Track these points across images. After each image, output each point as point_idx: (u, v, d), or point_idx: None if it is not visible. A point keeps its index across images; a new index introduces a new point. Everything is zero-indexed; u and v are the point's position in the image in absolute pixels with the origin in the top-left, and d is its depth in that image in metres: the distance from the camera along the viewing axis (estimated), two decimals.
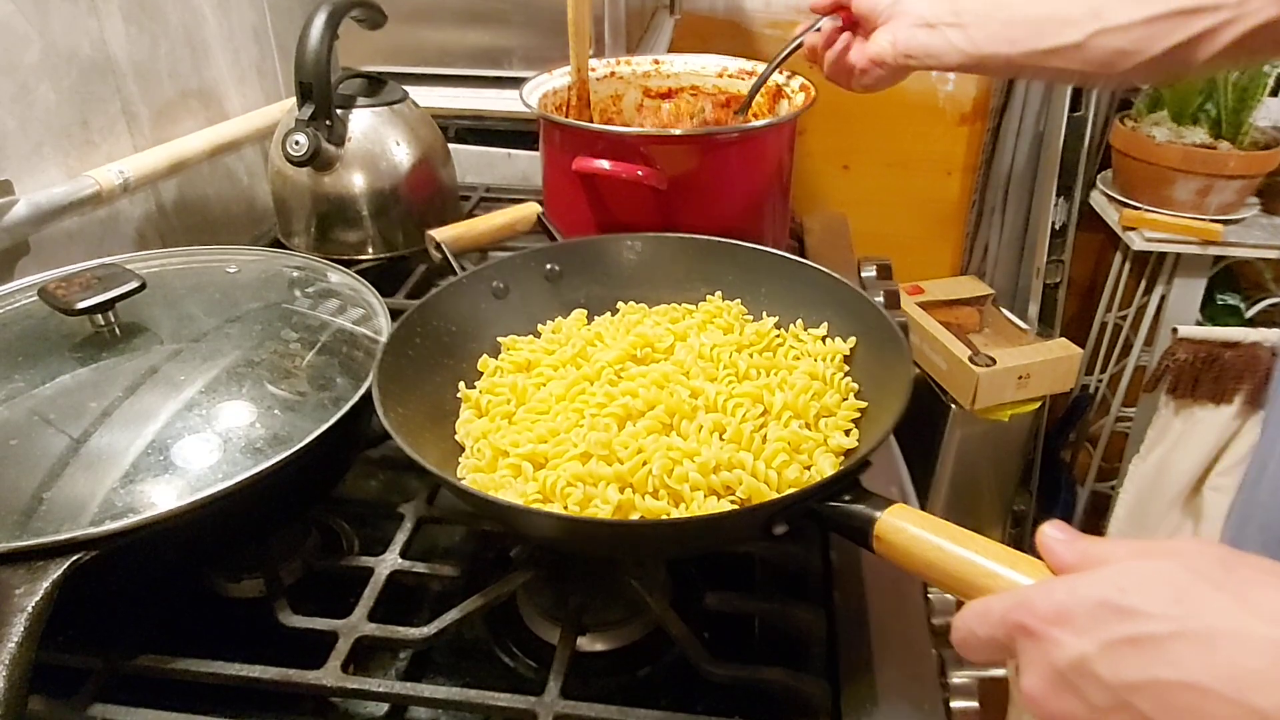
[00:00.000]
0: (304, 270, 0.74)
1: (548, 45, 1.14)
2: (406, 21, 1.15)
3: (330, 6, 0.86)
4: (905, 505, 0.45)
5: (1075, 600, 0.33)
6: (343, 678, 0.51)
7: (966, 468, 1.82)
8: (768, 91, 0.99)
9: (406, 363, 0.61)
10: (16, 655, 0.42)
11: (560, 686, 0.50)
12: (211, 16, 1.05)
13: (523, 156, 1.19)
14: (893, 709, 0.50)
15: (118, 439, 0.53)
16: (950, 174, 1.87)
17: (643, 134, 0.87)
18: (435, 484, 0.65)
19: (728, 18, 1.75)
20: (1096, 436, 1.95)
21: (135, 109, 0.93)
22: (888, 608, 0.56)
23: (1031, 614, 0.34)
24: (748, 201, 0.88)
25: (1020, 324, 1.85)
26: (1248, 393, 1.51)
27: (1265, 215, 1.63)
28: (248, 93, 1.13)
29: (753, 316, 0.71)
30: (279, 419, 0.56)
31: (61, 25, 0.83)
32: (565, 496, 0.53)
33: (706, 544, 0.56)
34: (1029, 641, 0.34)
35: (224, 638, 0.55)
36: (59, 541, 0.46)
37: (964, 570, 0.40)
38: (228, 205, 1.11)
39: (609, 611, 0.58)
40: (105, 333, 0.62)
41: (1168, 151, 1.56)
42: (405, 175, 0.94)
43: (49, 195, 0.79)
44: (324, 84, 0.87)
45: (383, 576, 0.58)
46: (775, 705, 0.52)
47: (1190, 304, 1.70)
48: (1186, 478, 1.60)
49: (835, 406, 0.61)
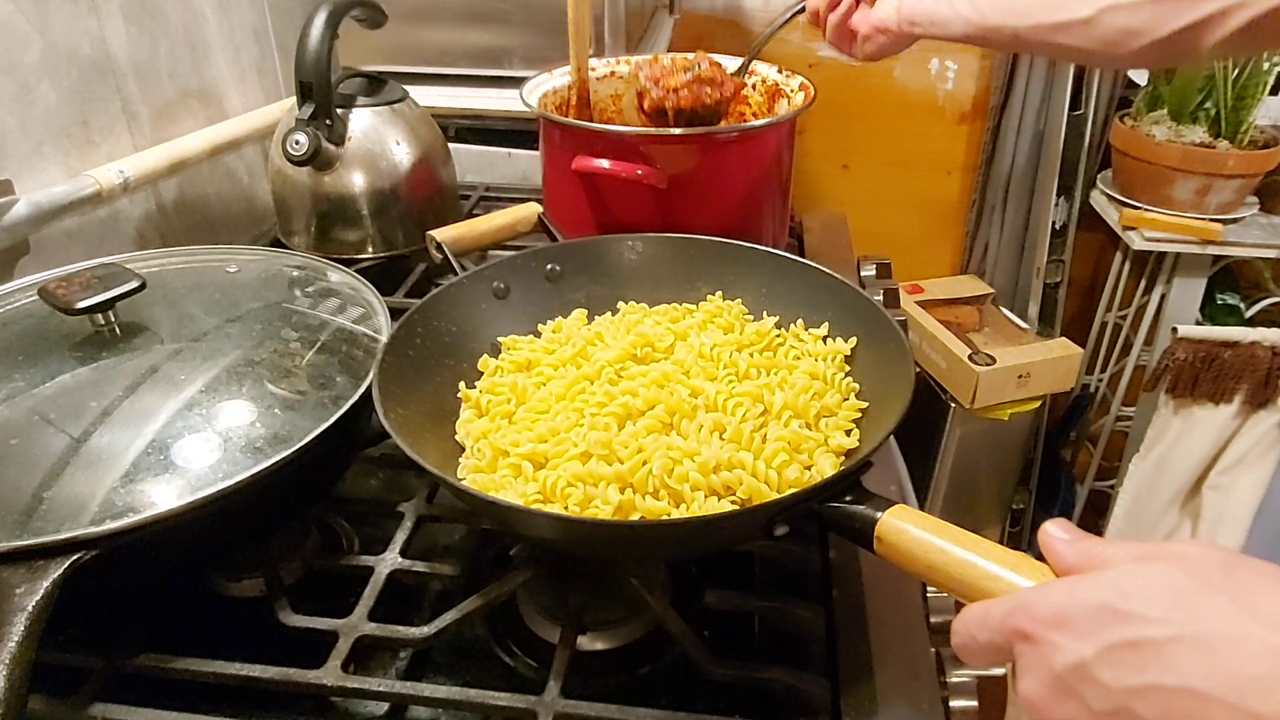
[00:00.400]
0: (304, 269, 0.74)
1: (548, 45, 1.14)
2: (406, 21, 1.15)
3: (330, 6, 0.86)
4: (906, 506, 0.45)
5: (1074, 604, 0.33)
6: (343, 677, 0.51)
7: (966, 466, 1.83)
8: (767, 91, 0.99)
9: (407, 363, 0.61)
10: (17, 654, 0.42)
11: (560, 686, 0.50)
12: (212, 16, 1.05)
13: (523, 156, 1.19)
14: (892, 707, 0.50)
15: (118, 438, 0.54)
16: (950, 173, 1.87)
17: (642, 133, 0.87)
18: (435, 483, 0.65)
19: (727, 17, 1.75)
20: (1096, 436, 1.95)
21: (135, 108, 0.93)
22: (887, 606, 0.56)
23: (1030, 618, 0.34)
24: (747, 201, 0.88)
25: (1020, 323, 1.85)
26: (1247, 392, 1.51)
27: (1264, 214, 1.63)
28: (248, 92, 1.13)
29: (753, 316, 0.71)
30: (279, 418, 0.56)
31: (62, 25, 0.83)
32: (565, 497, 0.53)
33: (707, 545, 0.56)
34: (1028, 646, 0.34)
35: (224, 637, 0.55)
36: (59, 541, 0.46)
37: (965, 572, 0.40)
38: (228, 205, 1.11)
39: (609, 610, 0.58)
40: (105, 332, 0.62)
41: (1167, 150, 1.55)
42: (405, 175, 0.94)
43: (49, 195, 0.79)
44: (324, 83, 0.87)
45: (383, 576, 0.58)
46: (775, 704, 0.52)
47: (1190, 303, 1.70)
48: (1186, 477, 1.60)
49: (836, 407, 0.61)
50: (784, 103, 0.96)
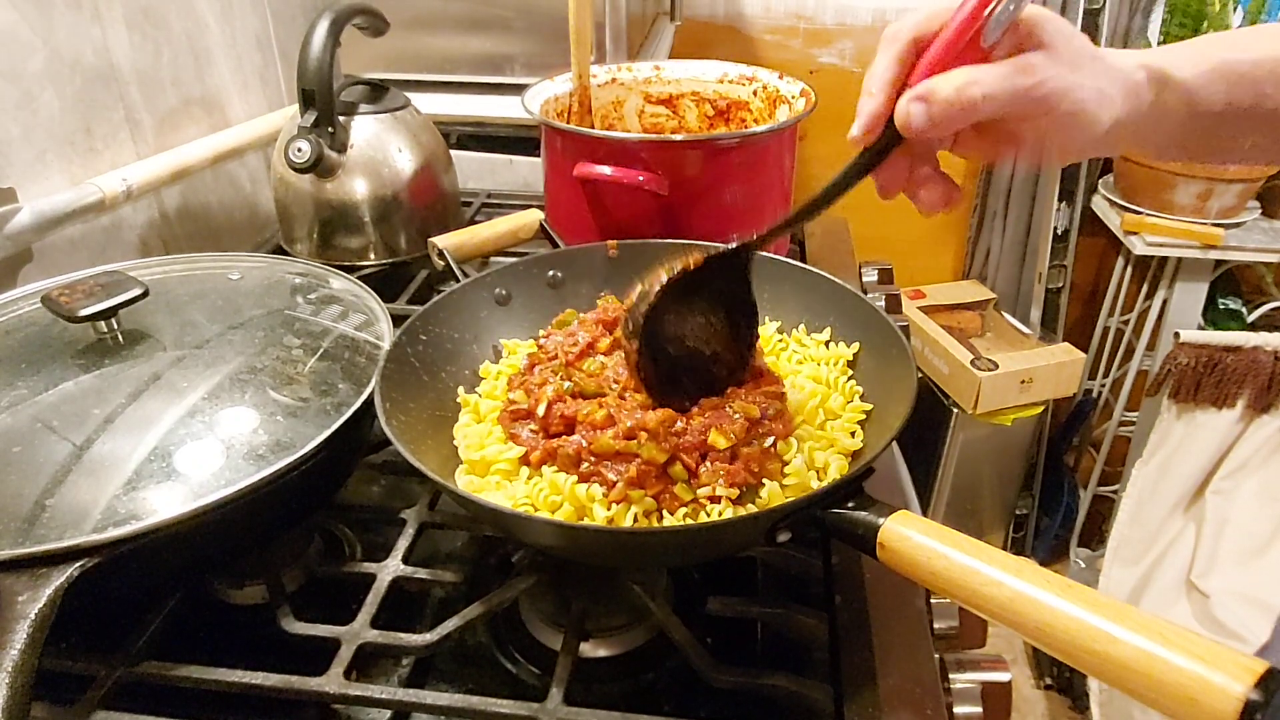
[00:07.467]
0: (306, 276, 0.75)
1: (549, 52, 1.15)
2: (409, 28, 1.16)
3: (333, 14, 0.86)
4: (909, 512, 0.45)
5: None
6: (345, 684, 0.51)
7: (968, 472, 1.82)
8: (768, 98, 0.99)
9: (409, 369, 0.61)
10: (19, 662, 0.42)
11: (563, 693, 0.50)
12: (214, 24, 1.05)
13: (524, 163, 1.20)
14: (896, 714, 0.50)
15: (120, 446, 0.54)
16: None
17: (644, 139, 0.87)
18: (437, 489, 0.65)
19: (728, 24, 1.76)
20: (1099, 441, 1.95)
21: (138, 116, 0.94)
22: (890, 612, 0.56)
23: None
24: (749, 207, 0.88)
25: (1022, 329, 1.85)
26: (1250, 396, 1.50)
27: (1265, 219, 1.63)
28: (250, 100, 1.13)
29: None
30: (281, 425, 0.56)
31: (65, 33, 0.83)
32: (552, 506, 0.53)
33: (710, 551, 0.56)
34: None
35: (227, 644, 0.55)
36: (62, 548, 0.46)
37: (968, 579, 0.40)
38: (230, 212, 1.12)
39: (611, 617, 0.58)
40: (108, 340, 0.62)
41: None
42: (407, 181, 0.95)
43: (52, 202, 0.79)
44: (326, 91, 0.88)
45: (385, 582, 0.58)
46: (778, 710, 0.52)
47: (1192, 308, 1.70)
48: (1189, 482, 1.59)
49: (840, 410, 0.61)
50: (785, 109, 0.97)
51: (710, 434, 0.53)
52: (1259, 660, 0.34)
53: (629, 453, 0.53)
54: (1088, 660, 0.37)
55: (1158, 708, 0.36)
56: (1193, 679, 0.34)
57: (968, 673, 0.55)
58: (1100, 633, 0.37)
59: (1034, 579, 0.38)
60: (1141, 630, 0.36)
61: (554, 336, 0.65)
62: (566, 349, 0.62)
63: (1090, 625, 0.37)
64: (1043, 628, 0.38)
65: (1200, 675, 0.34)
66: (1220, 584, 1.46)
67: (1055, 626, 0.38)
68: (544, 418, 0.56)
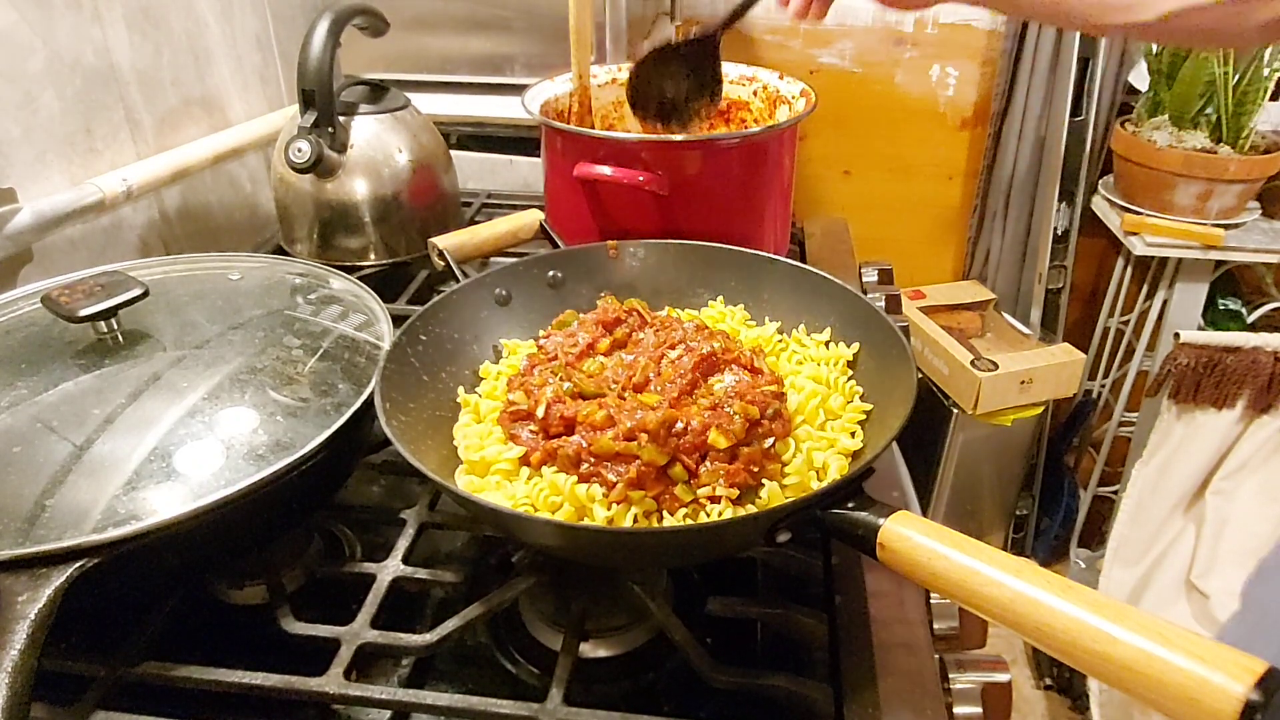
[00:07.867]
0: (306, 277, 0.75)
1: (549, 52, 1.15)
2: (409, 29, 1.16)
3: (333, 14, 0.86)
4: (909, 513, 0.45)
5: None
6: (345, 685, 0.51)
7: (968, 472, 1.82)
8: (768, 98, 0.99)
9: (409, 370, 0.61)
10: (19, 663, 0.42)
11: (563, 693, 0.50)
12: (214, 24, 1.05)
13: (524, 163, 1.20)
14: (896, 714, 0.50)
15: (120, 446, 0.54)
16: (951, 179, 1.87)
17: (644, 140, 0.87)
18: (437, 490, 0.65)
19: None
20: (1099, 441, 1.95)
21: (138, 116, 0.94)
22: (890, 612, 0.56)
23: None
24: (749, 207, 0.88)
25: (1022, 329, 1.85)
26: (1250, 397, 1.50)
27: (1266, 219, 1.63)
28: (250, 100, 1.13)
29: (755, 322, 0.71)
30: (281, 425, 0.56)
31: (65, 33, 0.83)
32: (552, 506, 0.53)
33: (709, 551, 0.56)
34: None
35: (226, 645, 0.55)
36: (62, 549, 0.46)
37: (968, 579, 0.40)
38: (230, 212, 1.12)
39: (611, 617, 0.58)
40: (108, 340, 0.62)
41: (1168, 156, 1.56)
42: (407, 182, 0.95)
43: (52, 203, 0.79)
44: (326, 91, 0.88)
45: (385, 583, 0.58)
46: (778, 711, 0.52)
47: (1192, 309, 1.70)
48: (1189, 482, 1.59)
49: (840, 410, 0.61)
50: (785, 109, 0.97)
51: (710, 434, 0.54)
52: (1259, 660, 0.34)
53: (629, 454, 0.53)
54: (1088, 660, 0.37)
55: (1158, 708, 0.36)
56: (1193, 679, 0.34)
57: (968, 673, 0.55)
58: (1100, 633, 0.37)
59: (1034, 579, 0.38)
60: (1141, 630, 0.36)
61: (554, 337, 0.65)
62: (566, 350, 0.62)
63: (1090, 625, 0.37)
64: (1043, 628, 0.38)
65: (1200, 675, 0.34)
66: (1220, 584, 1.46)
67: (1055, 627, 0.38)
68: (544, 418, 0.56)
